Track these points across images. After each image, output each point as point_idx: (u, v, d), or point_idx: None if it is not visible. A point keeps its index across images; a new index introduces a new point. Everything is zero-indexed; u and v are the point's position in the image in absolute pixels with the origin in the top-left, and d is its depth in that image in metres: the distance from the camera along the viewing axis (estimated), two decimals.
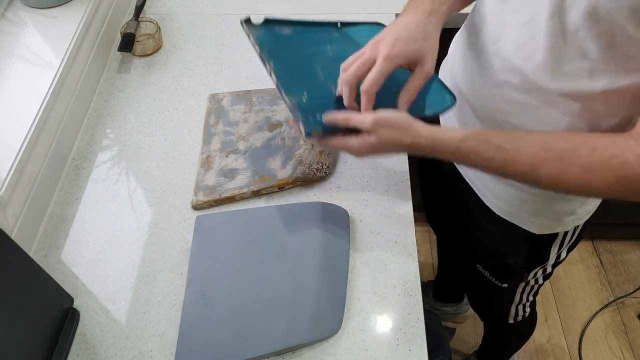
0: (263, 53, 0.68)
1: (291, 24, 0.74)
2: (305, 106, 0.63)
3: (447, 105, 0.67)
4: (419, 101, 0.66)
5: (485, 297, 1.03)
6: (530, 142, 0.53)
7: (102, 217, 0.77)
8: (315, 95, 0.65)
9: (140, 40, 0.97)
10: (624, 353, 1.50)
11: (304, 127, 0.60)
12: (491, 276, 0.89)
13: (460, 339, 1.52)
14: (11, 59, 0.82)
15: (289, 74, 0.67)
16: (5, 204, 0.68)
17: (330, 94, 0.66)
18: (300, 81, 0.67)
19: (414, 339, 0.65)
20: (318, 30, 0.76)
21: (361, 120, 0.59)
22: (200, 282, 0.68)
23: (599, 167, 0.49)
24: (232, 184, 0.78)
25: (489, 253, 0.87)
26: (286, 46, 0.71)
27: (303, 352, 0.64)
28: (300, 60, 0.70)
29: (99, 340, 0.66)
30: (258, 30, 0.72)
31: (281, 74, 0.66)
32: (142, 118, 0.89)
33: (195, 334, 0.64)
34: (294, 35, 0.73)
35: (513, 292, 0.93)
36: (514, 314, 0.99)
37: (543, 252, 0.80)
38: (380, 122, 0.58)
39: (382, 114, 0.59)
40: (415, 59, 0.60)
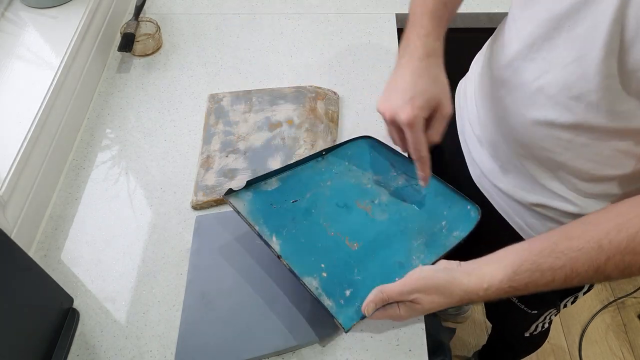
0: (261, 229, 0.64)
1: (275, 174, 0.70)
2: (330, 287, 0.60)
3: (474, 221, 0.65)
4: (444, 235, 0.65)
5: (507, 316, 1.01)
6: (582, 249, 0.50)
7: (102, 217, 0.77)
8: (333, 261, 0.63)
9: (140, 40, 0.97)
10: (624, 353, 1.50)
11: (343, 325, 0.57)
12: (520, 303, 0.86)
13: (461, 339, 1.52)
14: (11, 59, 0.82)
15: (296, 247, 0.64)
16: (5, 204, 0.68)
17: (346, 249, 0.64)
18: (311, 251, 0.64)
19: (414, 339, 0.65)
20: (304, 169, 0.72)
21: (399, 293, 0.55)
22: (200, 282, 0.68)
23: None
24: (232, 184, 0.78)
25: None
26: (280, 206, 0.68)
27: (303, 352, 0.64)
28: (300, 219, 0.67)
29: (99, 340, 0.66)
30: (244, 198, 0.67)
31: (289, 252, 0.63)
32: (142, 118, 0.89)
33: (195, 334, 0.64)
34: (283, 186, 0.70)
35: (540, 316, 0.91)
36: (532, 330, 0.98)
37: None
38: (420, 290, 0.55)
39: (420, 281, 0.55)
40: (433, 108, 0.60)
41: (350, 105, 0.90)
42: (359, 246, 0.65)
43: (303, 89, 0.89)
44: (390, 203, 0.69)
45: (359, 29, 1.02)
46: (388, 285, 0.57)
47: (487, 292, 0.54)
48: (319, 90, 0.89)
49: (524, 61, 0.59)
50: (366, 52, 0.98)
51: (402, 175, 0.72)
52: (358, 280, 0.62)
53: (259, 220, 0.65)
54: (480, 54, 0.78)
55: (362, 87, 0.92)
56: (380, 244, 0.65)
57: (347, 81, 0.93)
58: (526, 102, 0.60)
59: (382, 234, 0.66)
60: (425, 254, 0.64)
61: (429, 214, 0.68)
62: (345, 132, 0.86)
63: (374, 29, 1.02)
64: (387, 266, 0.63)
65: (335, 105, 0.88)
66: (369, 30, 1.01)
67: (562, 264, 0.51)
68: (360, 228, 0.67)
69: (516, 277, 0.53)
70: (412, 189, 0.70)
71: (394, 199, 0.70)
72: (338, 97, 0.90)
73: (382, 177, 0.73)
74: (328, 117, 0.86)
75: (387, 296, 0.56)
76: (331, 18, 1.04)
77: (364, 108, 0.89)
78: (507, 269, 0.53)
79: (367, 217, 0.68)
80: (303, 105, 0.86)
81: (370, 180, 0.72)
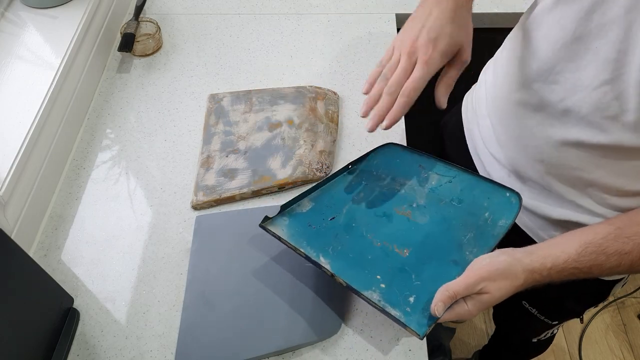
0: (307, 252, 0.63)
1: (306, 194, 0.70)
2: (392, 297, 0.59)
3: (517, 207, 0.63)
4: (491, 225, 0.63)
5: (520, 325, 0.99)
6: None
7: (102, 217, 0.77)
8: (388, 270, 0.61)
9: (140, 40, 0.97)
10: (624, 353, 1.50)
11: (418, 332, 0.55)
12: (540, 314, 0.85)
13: (460, 339, 1.52)
14: (11, 59, 0.82)
15: (347, 263, 0.62)
16: (5, 204, 0.68)
17: (397, 257, 0.63)
18: (363, 265, 0.62)
19: (414, 339, 0.65)
20: (333, 185, 0.72)
21: (465, 286, 0.53)
22: (200, 282, 0.68)
23: None
24: (232, 184, 0.78)
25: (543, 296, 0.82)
26: (319, 225, 0.67)
27: (303, 352, 0.64)
28: (343, 235, 0.66)
29: (99, 340, 0.66)
30: (281, 224, 0.67)
31: (341, 269, 0.61)
32: (142, 118, 0.89)
33: (195, 334, 0.64)
34: (317, 205, 0.69)
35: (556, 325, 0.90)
36: (541, 336, 0.97)
37: (604, 293, 0.77)
38: (486, 278, 0.53)
39: (482, 269, 0.54)
40: (453, 54, 0.58)
41: (350, 105, 0.90)
42: (409, 252, 0.63)
43: (303, 89, 0.89)
44: (428, 204, 0.68)
45: (359, 29, 1.02)
46: (453, 282, 0.54)
47: (550, 271, 0.53)
48: (319, 90, 0.89)
49: (545, 83, 0.58)
50: (366, 52, 0.98)
51: (433, 174, 0.71)
52: (418, 285, 0.60)
53: (302, 243, 0.64)
54: (488, 67, 0.77)
55: (362, 87, 0.92)
56: (430, 246, 0.64)
57: (347, 81, 0.93)
58: (553, 123, 0.59)
59: (429, 236, 0.65)
60: (477, 248, 0.62)
61: (470, 208, 0.66)
62: (345, 132, 0.86)
63: (374, 29, 1.02)
64: (443, 266, 0.61)
65: (335, 105, 0.88)
66: (369, 30, 1.01)
67: (630, 249, 0.50)
68: (405, 234, 0.65)
69: (581, 258, 0.52)
70: (446, 187, 0.69)
71: (431, 200, 0.68)
72: (338, 97, 0.90)
73: (413, 180, 0.71)
74: (328, 117, 0.86)
75: (453, 293, 0.53)
76: (331, 18, 1.04)
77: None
78: (571, 250, 0.52)
79: (410, 222, 0.67)
80: (303, 105, 0.86)
81: (402, 186, 0.71)
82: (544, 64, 0.58)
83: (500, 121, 0.68)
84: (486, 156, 0.74)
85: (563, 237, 0.55)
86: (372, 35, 1.01)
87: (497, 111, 0.69)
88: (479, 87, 0.78)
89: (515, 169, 0.68)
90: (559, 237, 0.56)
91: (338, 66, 0.96)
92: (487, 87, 0.74)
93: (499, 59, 0.71)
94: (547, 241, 0.56)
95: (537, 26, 0.59)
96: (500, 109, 0.68)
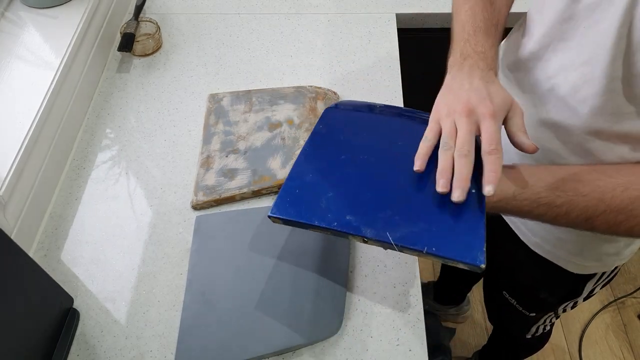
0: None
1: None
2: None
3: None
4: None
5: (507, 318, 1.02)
6: (586, 196, 0.49)
7: (102, 217, 0.77)
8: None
9: (140, 40, 0.97)
10: (624, 353, 1.50)
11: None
12: (518, 305, 0.87)
13: (461, 340, 1.52)
14: (11, 59, 0.82)
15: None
16: (5, 204, 0.68)
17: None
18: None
19: (414, 339, 0.65)
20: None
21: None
22: (200, 282, 0.68)
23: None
24: (232, 184, 0.78)
25: (520, 286, 0.85)
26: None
27: (303, 352, 0.64)
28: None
29: (99, 340, 0.66)
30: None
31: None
32: (142, 118, 0.89)
33: (195, 334, 0.64)
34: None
35: (539, 319, 0.92)
36: (533, 332, 0.98)
37: (578, 288, 0.78)
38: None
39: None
40: (507, 110, 0.53)
41: None
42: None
43: (303, 89, 0.89)
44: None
45: (359, 29, 1.02)
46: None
47: (497, 203, 0.52)
48: (319, 90, 0.89)
49: (540, 61, 0.59)
50: (366, 52, 0.98)
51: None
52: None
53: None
54: None
55: (362, 87, 0.92)
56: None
57: (347, 81, 0.93)
58: (536, 102, 0.60)
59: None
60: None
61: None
62: None
63: (374, 29, 1.02)
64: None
65: None
66: (369, 30, 1.01)
67: (561, 203, 0.50)
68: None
69: (513, 201, 0.52)
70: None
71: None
72: (338, 97, 0.90)
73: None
74: None
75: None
76: (331, 18, 1.04)
77: None
78: (512, 189, 0.52)
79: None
80: (303, 105, 0.86)
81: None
82: (541, 42, 0.58)
83: None
84: None
85: (513, 173, 0.54)
86: (372, 35, 1.01)
87: None
88: None
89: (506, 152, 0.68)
90: (522, 168, 0.55)
91: (338, 66, 0.96)
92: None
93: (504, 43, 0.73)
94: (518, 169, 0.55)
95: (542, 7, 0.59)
96: None
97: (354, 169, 0.59)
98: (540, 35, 0.58)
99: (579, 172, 0.53)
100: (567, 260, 0.71)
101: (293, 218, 0.55)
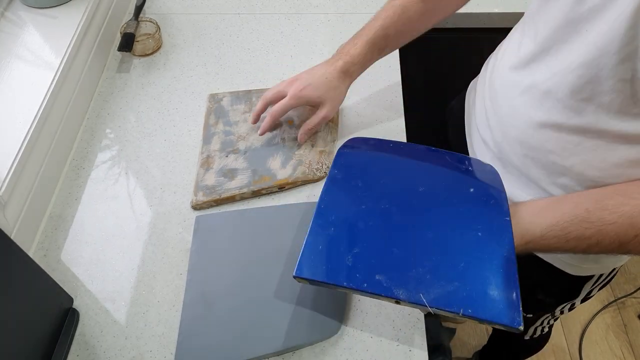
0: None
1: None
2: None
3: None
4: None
5: None
6: (615, 224, 0.49)
7: (101, 217, 0.77)
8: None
9: (140, 40, 0.97)
10: (624, 353, 1.50)
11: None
12: None
13: (461, 340, 1.52)
14: (11, 59, 0.82)
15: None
16: (5, 204, 0.68)
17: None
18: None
19: (414, 339, 0.65)
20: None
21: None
22: (200, 282, 0.68)
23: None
24: (232, 184, 0.78)
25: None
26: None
27: (303, 352, 0.64)
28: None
29: (98, 340, 0.66)
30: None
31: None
32: (142, 118, 0.89)
33: (195, 334, 0.64)
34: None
35: (536, 320, 0.92)
36: (531, 333, 0.98)
37: (575, 290, 0.78)
38: None
39: None
40: (317, 103, 0.76)
41: (350, 106, 0.90)
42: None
43: None
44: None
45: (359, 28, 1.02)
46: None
47: (527, 245, 0.54)
48: None
49: (539, 63, 0.59)
50: None
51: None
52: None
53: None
54: (492, 55, 0.78)
55: (362, 87, 0.92)
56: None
57: None
58: (535, 104, 0.60)
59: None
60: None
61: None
62: (345, 132, 0.86)
63: None
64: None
65: None
66: None
67: (590, 234, 0.50)
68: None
69: (542, 241, 0.53)
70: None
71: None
72: None
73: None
74: None
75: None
76: (331, 18, 1.04)
77: (363, 108, 0.89)
78: (539, 228, 0.53)
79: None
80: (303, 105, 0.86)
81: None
82: (541, 45, 0.58)
83: (492, 102, 0.69)
84: (477, 138, 0.75)
85: (540, 208, 0.56)
86: None
87: (492, 92, 0.70)
88: (483, 70, 0.80)
89: (499, 152, 0.69)
90: (539, 206, 0.56)
91: None
92: (488, 69, 0.75)
93: (504, 42, 0.73)
94: (534, 205, 0.57)
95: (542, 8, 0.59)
96: (495, 90, 0.69)
97: (377, 220, 0.57)
98: (542, 37, 0.58)
99: (601, 199, 0.52)
100: (564, 262, 0.71)
101: (320, 279, 0.54)
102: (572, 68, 0.54)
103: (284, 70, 0.95)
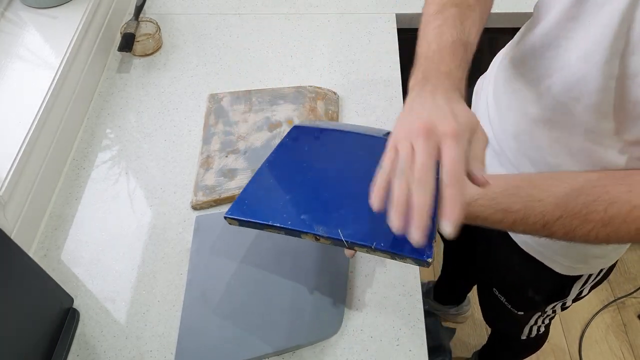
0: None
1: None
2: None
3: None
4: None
5: (498, 316, 1.02)
6: (541, 201, 0.50)
7: (102, 217, 0.77)
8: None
9: (140, 40, 0.97)
10: (624, 353, 1.50)
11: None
12: (507, 302, 0.88)
13: (461, 340, 1.52)
14: (11, 59, 0.82)
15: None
16: (5, 204, 0.68)
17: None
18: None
19: (414, 339, 0.65)
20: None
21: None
22: (200, 282, 0.68)
23: (618, 220, 0.48)
24: (232, 184, 0.78)
25: (508, 283, 0.86)
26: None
27: (303, 352, 0.64)
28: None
29: (99, 340, 0.66)
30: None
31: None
32: (142, 118, 0.89)
33: (195, 334, 0.64)
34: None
35: (528, 318, 0.92)
36: (527, 333, 0.98)
37: (565, 289, 0.78)
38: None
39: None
40: (471, 131, 0.45)
41: (350, 106, 0.90)
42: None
43: (303, 89, 0.89)
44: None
45: (359, 29, 1.02)
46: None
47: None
48: (319, 90, 0.89)
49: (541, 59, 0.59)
50: (366, 52, 0.98)
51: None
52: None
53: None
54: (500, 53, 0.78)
55: (362, 87, 0.92)
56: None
57: (347, 81, 0.93)
58: (532, 99, 0.60)
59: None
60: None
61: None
62: None
63: (374, 29, 1.02)
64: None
65: (335, 105, 0.88)
66: (369, 30, 1.01)
67: (518, 209, 0.51)
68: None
69: (469, 207, 0.53)
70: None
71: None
72: (338, 97, 0.90)
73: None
74: (328, 117, 0.86)
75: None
76: (331, 18, 1.04)
77: (364, 108, 0.89)
78: (468, 195, 0.52)
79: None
80: (303, 105, 0.86)
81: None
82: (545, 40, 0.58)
83: (494, 97, 0.70)
84: None
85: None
86: (372, 35, 1.01)
87: (494, 88, 0.71)
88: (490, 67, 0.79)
89: (496, 147, 0.70)
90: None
91: (338, 66, 0.96)
92: (494, 66, 0.75)
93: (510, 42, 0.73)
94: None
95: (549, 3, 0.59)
96: (498, 85, 0.69)
97: (315, 176, 0.60)
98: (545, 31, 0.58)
99: (534, 179, 0.54)
100: (552, 259, 0.72)
101: (248, 218, 0.57)
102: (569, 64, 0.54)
103: (284, 70, 0.95)
